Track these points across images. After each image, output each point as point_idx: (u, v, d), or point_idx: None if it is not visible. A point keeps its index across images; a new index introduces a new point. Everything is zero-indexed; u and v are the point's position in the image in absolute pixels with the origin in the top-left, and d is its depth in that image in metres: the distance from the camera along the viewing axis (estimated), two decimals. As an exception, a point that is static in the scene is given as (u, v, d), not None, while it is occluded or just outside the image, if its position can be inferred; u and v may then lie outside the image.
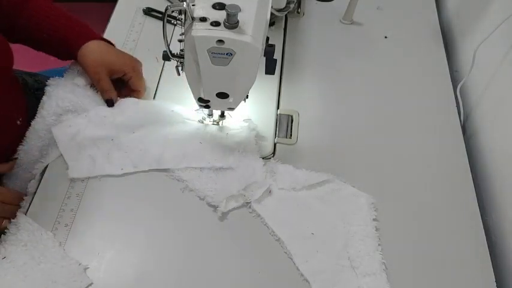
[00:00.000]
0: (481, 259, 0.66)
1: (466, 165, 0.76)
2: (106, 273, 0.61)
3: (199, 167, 0.70)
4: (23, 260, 0.59)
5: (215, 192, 0.67)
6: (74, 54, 0.73)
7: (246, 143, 0.73)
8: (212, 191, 0.68)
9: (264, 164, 0.71)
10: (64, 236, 0.63)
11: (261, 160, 0.72)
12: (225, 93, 0.64)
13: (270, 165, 0.72)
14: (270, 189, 0.69)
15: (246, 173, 0.69)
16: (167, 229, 0.65)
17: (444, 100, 0.85)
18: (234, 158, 0.71)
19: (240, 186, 0.68)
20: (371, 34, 0.95)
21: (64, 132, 0.70)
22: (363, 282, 0.61)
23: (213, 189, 0.68)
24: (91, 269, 0.60)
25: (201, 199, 0.68)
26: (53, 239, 0.61)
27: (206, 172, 0.69)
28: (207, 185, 0.68)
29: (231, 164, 0.70)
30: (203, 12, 0.56)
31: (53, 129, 0.70)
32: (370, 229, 0.66)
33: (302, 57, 0.90)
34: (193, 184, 0.68)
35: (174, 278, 0.62)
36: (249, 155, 0.71)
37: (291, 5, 0.90)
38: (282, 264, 0.63)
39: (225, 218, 0.67)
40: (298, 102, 0.82)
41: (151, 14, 0.93)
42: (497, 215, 0.73)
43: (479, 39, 0.82)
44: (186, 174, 0.69)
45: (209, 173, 0.69)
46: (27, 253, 0.60)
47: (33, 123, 0.71)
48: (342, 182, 0.71)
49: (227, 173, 0.70)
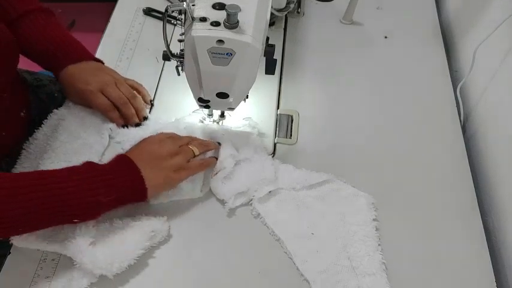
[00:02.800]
0: (481, 259, 0.66)
1: (466, 165, 0.76)
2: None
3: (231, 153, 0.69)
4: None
5: (228, 188, 0.67)
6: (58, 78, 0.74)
7: (252, 138, 0.73)
8: (225, 187, 0.68)
9: (272, 163, 0.70)
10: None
11: (270, 157, 0.72)
12: (225, 93, 0.64)
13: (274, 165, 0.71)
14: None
15: (256, 169, 0.69)
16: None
17: (444, 100, 0.85)
18: (248, 151, 0.71)
19: (249, 182, 0.68)
20: (371, 34, 0.95)
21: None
22: (362, 282, 0.61)
23: (225, 184, 0.68)
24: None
25: (205, 195, 0.68)
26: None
27: (228, 164, 0.69)
28: (224, 180, 0.68)
29: (246, 155, 0.70)
30: (203, 12, 0.56)
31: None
32: (370, 229, 0.66)
33: (302, 57, 0.90)
34: (212, 180, 0.68)
35: (174, 278, 0.62)
36: (259, 151, 0.72)
37: (291, 5, 0.90)
38: (282, 264, 0.63)
39: (225, 218, 0.67)
40: (298, 102, 0.82)
41: (151, 14, 0.93)
42: (497, 215, 0.73)
43: (479, 39, 0.82)
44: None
45: (228, 167, 0.69)
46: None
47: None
48: (342, 182, 0.71)
49: (239, 169, 0.69)
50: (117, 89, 0.73)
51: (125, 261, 0.59)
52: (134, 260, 0.60)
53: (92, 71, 0.73)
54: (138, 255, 0.60)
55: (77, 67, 0.72)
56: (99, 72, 0.74)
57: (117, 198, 0.59)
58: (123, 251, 0.59)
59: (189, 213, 0.67)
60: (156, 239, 0.63)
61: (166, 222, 0.64)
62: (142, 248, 0.61)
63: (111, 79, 0.73)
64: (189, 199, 0.68)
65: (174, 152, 0.65)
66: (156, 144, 0.65)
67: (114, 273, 0.58)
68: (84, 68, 0.73)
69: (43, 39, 0.73)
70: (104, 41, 0.88)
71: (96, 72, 0.73)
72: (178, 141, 0.67)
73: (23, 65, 0.76)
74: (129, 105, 0.73)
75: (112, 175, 0.58)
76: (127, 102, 0.73)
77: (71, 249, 0.58)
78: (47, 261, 0.61)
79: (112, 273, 0.58)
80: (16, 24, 0.72)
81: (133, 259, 0.60)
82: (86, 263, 0.57)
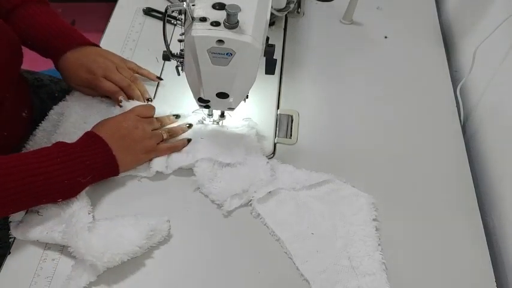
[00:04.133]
0: (481, 259, 0.66)
1: (466, 165, 0.76)
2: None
3: (206, 157, 0.69)
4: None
5: (219, 190, 0.67)
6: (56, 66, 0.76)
7: (247, 140, 0.73)
8: (216, 188, 0.68)
9: (267, 161, 0.71)
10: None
11: (265, 158, 0.71)
12: (225, 93, 0.64)
13: (271, 165, 0.71)
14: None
15: (251, 171, 0.69)
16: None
17: (444, 100, 0.85)
18: (240, 154, 0.71)
19: (244, 184, 0.68)
20: (371, 34, 0.95)
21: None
22: (362, 282, 0.61)
23: (217, 187, 0.68)
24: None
25: (205, 196, 0.68)
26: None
27: (211, 169, 0.69)
28: (212, 182, 0.68)
29: (237, 159, 0.70)
30: (203, 12, 0.56)
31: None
32: (370, 229, 0.66)
33: (302, 57, 0.90)
34: (198, 180, 0.69)
35: (174, 278, 0.62)
36: (253, 153, 0.71)
37: (291, 5, 0.90)
38: (282, 264, 0.63)
39: (225, 218, 0.67)
40: (298, 102, 0.82)
41: (151, 14, 0.93)
42: (497, 215, 0.73)
43: (479, 39, 0.82)
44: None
45: (214, 169, 0.69)
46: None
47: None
48: (342, 182, 0.71)
49: (232, 171, 0.69)
50: (118, 73, 0.75)
51: (117, 254, 0.58)
52: (128, 256, 0.59)
53: (92, 57, 0.75)
54: (134, 252, 0.60)
55: (76, 53, 0.74)
56: (99, 58, 0.76)
57: (93, 177, 0.64)
58: (117, 243, 0.59)
59: (188, 213, 0.67)
60: (155, 239, 0.62)
61: (166, 222, 0.64)
62: (139, 246, 0.60)
63: (112, 64, 0.76)
64: (188, 199, 0.68)
65: (147, 136, 0.68)
66: (129, 127, 0.67)
67: (104, 264, 0.58)
68: (83, 55, 0.75)
69: (39, 27, 0.74)
70: (104, 41, 0.88)
71: (96, 59, 0.75)
72: (151, 126, 0.70)
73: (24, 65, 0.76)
74: (133, 87, 0.76)
75: (87, 157, 0.62)
76: (130, 85, 0.76)
77: (68, 233, 0.59)
78: (47, 261, 0.61)
79: (102, 263, 0.58)
80: (12, 15, 0.73)
81: (127, 255, 0.59)
82: (80, 247, 0.57)
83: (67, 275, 0.60)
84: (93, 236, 0.59)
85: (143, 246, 0.61)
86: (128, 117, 0.68)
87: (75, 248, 0.58)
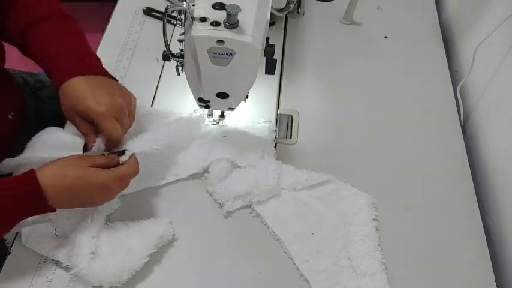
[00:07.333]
0: (481, 259, 0.66)
1: (466, 165, 0.76)
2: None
3: (225, 157, 0.69)
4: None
5: (224, 190, 0.67)
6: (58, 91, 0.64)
7: (266, 144, 0.73)
8: (221, 188, 0.68)
9: (276, 168, 0.69)
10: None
11: (275, 163, 0.70)
12: (225, 93, 0.64)
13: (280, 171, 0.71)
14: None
15: (259, 175, 0.68)
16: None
17: (444, 100, 0.85)
18: (256, 158, 0.70)
19: (250, 187, 0.67)
20: (371, 34, 0.95)
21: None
22: (362, 282, 0.61)
23: (222, 186, 0.68)
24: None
25: (205, 195, 0.68)
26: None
27: (226, 169, 0.69)
28: (220, 181, 0.68)
29: (251, 162, 0.70)
30: (203, 12, 0.56)
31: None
32: (370, 229, 0.66)
33: (302, 57, 0.90)
34: (210, 177, 0.68)
35: (174, 278, 0.62)
36: (265, 156, 0.71)
37: (291, 5, 0.90)
38: (282, 264, 0.63)
39: (225, 218, 0.67)
40: (298, 102, 0.82)
41: (151, 14, 0.93)
42: (498, 215, 0.73)
43: (479, 39, 0.81)
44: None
45: (228, 170, 0.69)
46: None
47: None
48: (342, 182, 0.71)
49: (240, 172, 0.69)
50: (126, 117, 0.63)
51: (132, 270, 0.59)
52: (135, 271, 0.60)
53: (105, 89, 0.62)
54: (141, 265, 0.60)
55: (83, 81, 0.62)
56: (115, 91, 0.63)
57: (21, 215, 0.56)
58: (130, 260, 0.59)
59: (188, 214, 0.67)
60: (161, 244, 0.63)
61: (170, 225, 0.64)
62: (149, 255, 0.61)
63: (123, 106, 0.62)
64: (188, 199, 0.68)
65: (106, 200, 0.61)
66: (90, 196, 0.58)
67: (124, 282, 0.59)
68: (97, 84, 0.62)
69: (46, 50, 0.64)
70: (104, 41, 0.88)
71: (112, 91, 0.62)
72: (111, 192, 0.60)
73: (24, 66, 0.76)
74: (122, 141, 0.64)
75: (17, 210, 0.54)
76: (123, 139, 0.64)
77: (72, 258, 0.58)
78: (47, 261, 0.61)
79: (122, 283, 0.59)
80: (26, 32, 0.65)
81: (135, 270, 0.60)
82: (85, 274, 0.57)
83: (68, 276, 0.59)
84: (97, 263, 0.58)
85: (151, 255, 0.61)
86: (88, 183, 0.56)
87: (80, 274, 0.58)
